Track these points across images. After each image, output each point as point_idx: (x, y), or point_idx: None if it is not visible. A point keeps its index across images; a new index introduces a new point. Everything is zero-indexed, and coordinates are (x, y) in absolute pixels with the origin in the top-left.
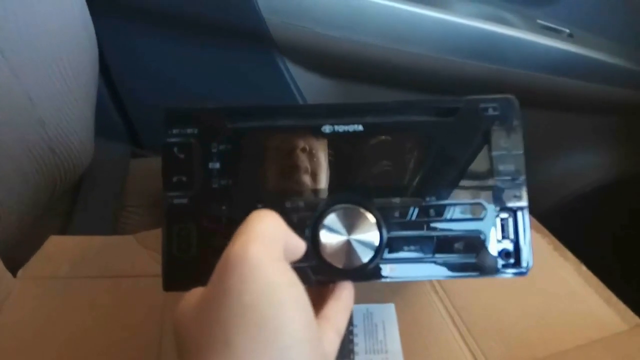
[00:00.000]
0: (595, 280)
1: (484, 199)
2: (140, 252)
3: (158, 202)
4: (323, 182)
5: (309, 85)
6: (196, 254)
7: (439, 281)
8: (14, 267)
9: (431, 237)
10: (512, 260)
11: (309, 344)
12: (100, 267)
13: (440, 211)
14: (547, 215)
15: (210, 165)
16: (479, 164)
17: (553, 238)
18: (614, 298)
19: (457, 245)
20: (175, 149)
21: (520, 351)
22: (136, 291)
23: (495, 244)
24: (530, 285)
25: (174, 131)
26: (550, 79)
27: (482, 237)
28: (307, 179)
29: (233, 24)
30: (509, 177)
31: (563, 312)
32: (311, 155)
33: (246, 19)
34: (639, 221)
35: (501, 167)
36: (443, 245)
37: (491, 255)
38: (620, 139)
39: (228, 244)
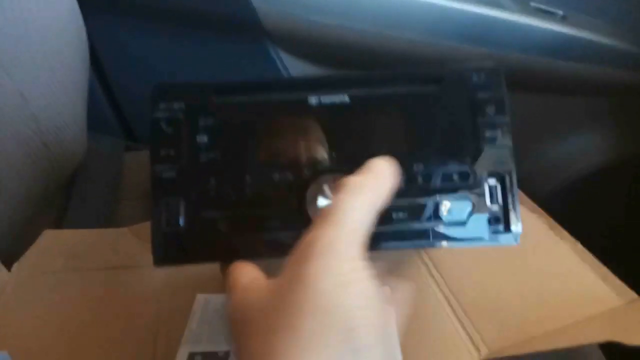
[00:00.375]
0: (590, 257)
1: (472, 165)
2: (135, 244)
3: None
4: (311, 153)
5: (302, 74)
6: (185, 227)
7: (434, 264)
8: (8, 262)
9: (420, 205)
10: (501, 227)
11: (381, 347)
12: (95, 260)
13: (428, 178)
14: (544, 199)
15: (198, 138)
16: (466, 131)
17: (548, 217)
18: (609, 274)
19: (446, 212)
20: (163, 123)
21: (516, 330)
22: (132, 283)
23: (484, 210)
24: (525, 264)
25: (162, 106)
26: (544, 61)
27: (469, 203)
28: (294, 151)
29: (223, 14)
30: (495, 143)
31: (559, 289)
32: (298, 127)
33: (236, 8)
34: (636, 202)
35: (487, 134)
36: (432, 212)
37: (480, 221)
38: (615, 120)
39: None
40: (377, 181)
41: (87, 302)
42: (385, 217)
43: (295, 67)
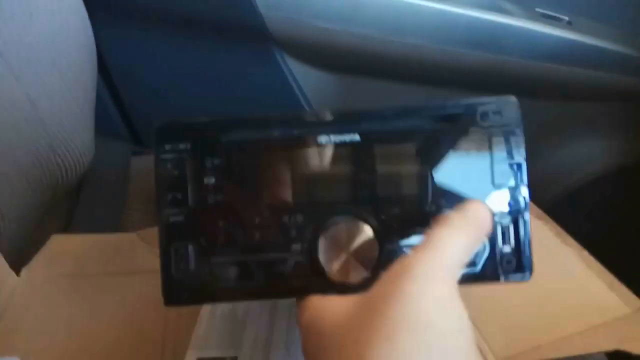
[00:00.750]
0: (597, 265)
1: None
2: (143, 249)
3: None
4: (321, 194)
5: (308, 79)
6: (195, 272)
7: None
8: (16, 267)
9: None
10: (513, 267)
11: None
12: (103, 265)
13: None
14: (550, 205)
15: (205, 180)
16: (480, 170)
17: (554, 224)
18: (616, 282)
19: None
20: (169, 166)
21: (523, 338)
22: (140, 288)
23: (496, 251)
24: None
25: (166, 147)
26: (549, 67)
27: (482, 245)
28: (304, 191)
29: (230, 20)
30: (509, 185)
31: (565, 297)
32: (308, 167)
33: (243, 14)
34: None
35: (501, 175)
36: None
37: (492, 262)
38: (621, 126)
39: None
40: (478, 225)
41: (95, 307)
42: (399, 256)
43: (300, 72)
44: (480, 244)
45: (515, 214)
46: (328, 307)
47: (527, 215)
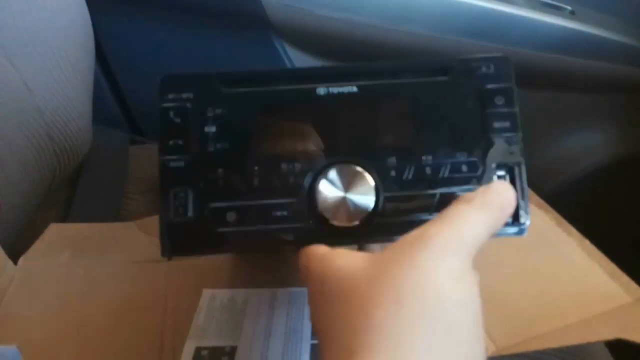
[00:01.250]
0: (598, 253)
1: (481, 156)
2: (141, 238)
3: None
4: (319, 143)
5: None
6: (193, 217)
7: None
8: (14, 255)
9: (428, 196)
10: (510, 219)
11: (477, 344)
12: (102, 254)
13: (437, 170)
14: (550, 195)
15: (206, 128)
16: (474, 122)
17: (556, 214)
18: (617, 271)
19: None
20: (171, 113)
21: (524, 327)
22: (139, 277)
23: None
24: (532, 260)
25: (170, 96)
26: (552, 57)
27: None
28: (302, 141)
29: (230, 7)
30: (504, 134)
31: (566, 286)
32: (306, 118)
33: (243, 1)
34: None
35: (496, 125)
36: (440, 203)
37: None
38: (623, 117)
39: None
40: (501, 205)
41: (94, 296)
42: (394, 207)
43: (300, 61)
44: (501, 225)
45: (511, 164)
46: (337, 258)
47: (523, 166)
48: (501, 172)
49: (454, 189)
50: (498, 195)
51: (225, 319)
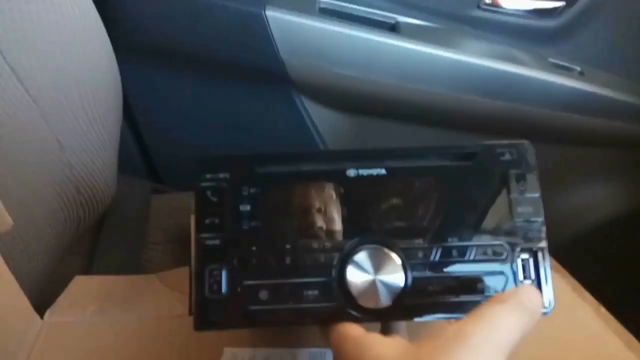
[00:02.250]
0: (614, 322)
1: (505, 240)
2: (163, 293)
3: (179, 238)
4: (349, 223)
5: (326, 121)
6: (226, 294)
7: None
8: (39, 305)
9: (454, 278)
10: None
11: None
12: (125, 309)
13: (462, 252)
14: (561, 249)
15: (241, 207)
16: (498, 206)
17: (571, 278)
18: (634, 342)
19: (479, 286)
20: (209, 193)
21: None
22: (160, 333)
23: (517, 285)
24: (547, 326)
25: (207, 176)
26: (562, 115)
27: (504, 277)
28: (333, 221)
29: (252, 64)
30: (527, 219)
31: (582, 356)
32: (337, 198)
33: (265, 59)
34: None
35: (519, 209)
36: (466, 285)
37: None
38: (632, 172)
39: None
40: (531, 307)
41: (117, 352)
42: (423, 290)
43: (318, 114)
44: (532, 327)
45: (535, 249)
46: (375, 346)
47: (546, 250)
48: (525, 255)
49: (479, 272)
50: (528, 297)
51: None
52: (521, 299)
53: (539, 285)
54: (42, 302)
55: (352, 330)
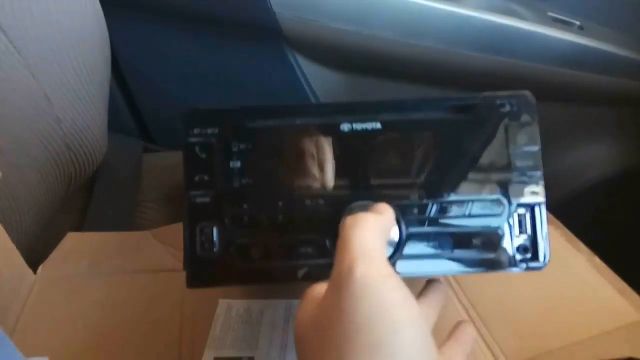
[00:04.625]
0: (608, 271)
1: (502, 194)
2: (157, 248)
3: (172, 196)
4: (343, 179)
5: (320, 79)
6: (219, 252)
7: (454, 276)
8: (32, 262)
9: (449, 233)
10: (529, 255)
11: None
12: (119, 264)
13: (458, 207)
14: (557, 207)
15: (232, 164)
16: (496, 159)
17: (565, 230)
18: (627, 289)
19: (475, 241)
20: (197, 149)
21: (534, 342)
22: (155, 287)
23: (513, 239)
24: (543, 277)
25: (195, 131)
26: (560, 71)
27: (499, 232)
28: (326, 176)
29: (244, 19)
30: (526, 173)
31: (576, 303)
32: (330, 153)
33: (257, 13)
34: None
35: (518, 163)
36: (461, 241)
37: (509, 250)
38: (630, 130)
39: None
40: (379, 214)
41: (111, 305)
42: (418, 245)
43: (312, 72)
44: (389, 227)
45: (532, 203)
46: (309, 310)
47: (543, 204)
48: (522, 210)
49: (475, 227)
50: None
51: (242, 329)
52: (364, 214)
53: (534, 240)
54: (34, 259)
55: (313, 290)
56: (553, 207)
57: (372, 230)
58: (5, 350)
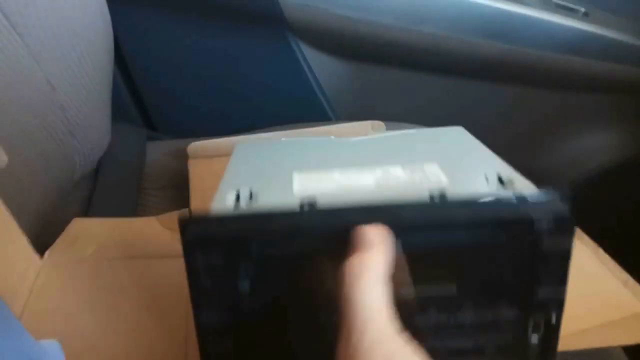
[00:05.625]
0: (612, 262)
1: (519, 317)
2: (163, 234)
3: (176, 183)
4: None
5: (323, 67)
6: None
7: None
8: (38, 249)
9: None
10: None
11: None
12: (125, 249)
13: (476, 326)
14: None
15: (241, 287)
16: (520, 280)
17: None
18: (631, 280)
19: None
20: (202, 276)
21: None
22: (162, 273)
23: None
24: None
25: (199, 259)
26: (564, 58)
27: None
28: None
29: (246, 6)
30: (548, 297)
31: (581, 294)
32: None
33: (259, 0)
34: None
35: (544, 287)
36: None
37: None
38: (632, 118)
39: None
40: (378, 252)
41: (118, 290)
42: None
43: (316, 60)
44: (389, 266)
45: (546, 308)
46: None
47: (557, 334)
48: (534, 339)
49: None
50: (367, 242)
51: None
52: (361, 256)
53: (544, 346)
54: (41, 245)
55: None
56: None
57: (377, 282)
58: (17, 333)
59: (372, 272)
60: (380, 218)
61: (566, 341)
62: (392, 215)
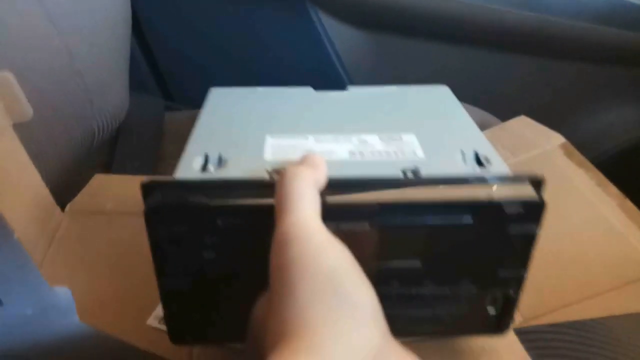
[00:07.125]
0: (639, 215)
1: (479, 291)
2: None
3: None
4: None
5: (343, 38)
6: (200, 331)
7: None
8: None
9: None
10: (492, 327)
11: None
12: (143, 205)
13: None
14: None
15: (206, 255)
16: (485, 260)
17: (597, 172)
18: None
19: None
20: (165, 244)
21: (551, 297)
22: None
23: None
24: (567, 224)
25: (162, 229)
26: (593, 28)
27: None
28: None
29: None
30: (511, 278)
31: (599, 252)
32: None
33: None
34: None
35: (506, 268)
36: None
37: (475, 317)
38: None
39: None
40: (310, 165)
41: (135, 245)
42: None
43: (334, 29)
44: (322, 177)
45: (506, 285)
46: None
47: (518, 292)
48: (492, 312)
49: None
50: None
51: None
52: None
53: (499, 317)
54: (62, 206)
55: None
56: None
57: (307, 182)
58: (34, 280)
59: (303, 179)
60: (349, 192)
61: (579, 308)
62: (363, 190)
